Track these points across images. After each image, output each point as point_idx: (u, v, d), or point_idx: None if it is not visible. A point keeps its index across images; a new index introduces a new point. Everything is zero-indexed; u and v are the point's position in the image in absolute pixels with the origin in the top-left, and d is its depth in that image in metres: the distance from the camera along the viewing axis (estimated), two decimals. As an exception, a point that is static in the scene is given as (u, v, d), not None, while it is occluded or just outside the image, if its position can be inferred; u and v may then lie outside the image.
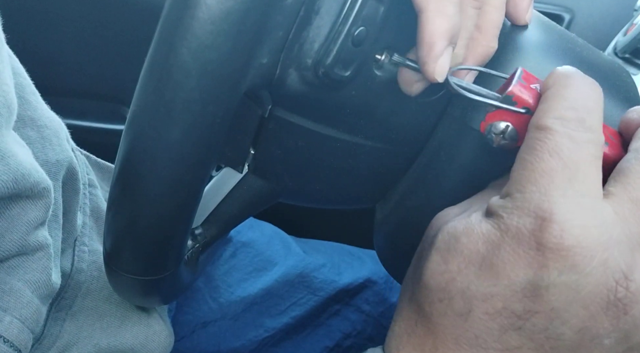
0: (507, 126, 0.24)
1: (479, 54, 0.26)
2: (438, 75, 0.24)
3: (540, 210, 0.20)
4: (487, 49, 0.26)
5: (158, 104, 0.21)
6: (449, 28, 0.23)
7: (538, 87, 0.24)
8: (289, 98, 0.26)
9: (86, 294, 0.37)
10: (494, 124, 0.24)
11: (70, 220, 0.37)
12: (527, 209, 0.20)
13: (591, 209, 0.20)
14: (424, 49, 0.23)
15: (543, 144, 0.21)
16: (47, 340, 0.35)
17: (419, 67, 0.24)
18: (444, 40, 0.23)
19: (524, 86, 0.23)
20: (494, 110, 0.24)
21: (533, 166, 0.21)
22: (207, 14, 0.19)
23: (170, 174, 0.22)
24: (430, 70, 0.23)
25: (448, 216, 0.25)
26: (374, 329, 0.54)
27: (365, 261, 0.57)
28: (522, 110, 0.23)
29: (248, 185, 0.32)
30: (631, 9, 0.61)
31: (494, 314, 0.21)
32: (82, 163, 0.40)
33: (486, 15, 0.26)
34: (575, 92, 0.22)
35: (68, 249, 0.37)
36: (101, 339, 0.37)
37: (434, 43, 0.23)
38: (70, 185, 0.37)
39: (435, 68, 0.23)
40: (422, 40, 0.23)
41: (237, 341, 0.50)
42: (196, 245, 0.33)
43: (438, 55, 0.23)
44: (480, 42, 0.26)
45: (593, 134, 0.21)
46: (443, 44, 0.23)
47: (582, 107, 0.21)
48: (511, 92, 0.23)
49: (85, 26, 0.68)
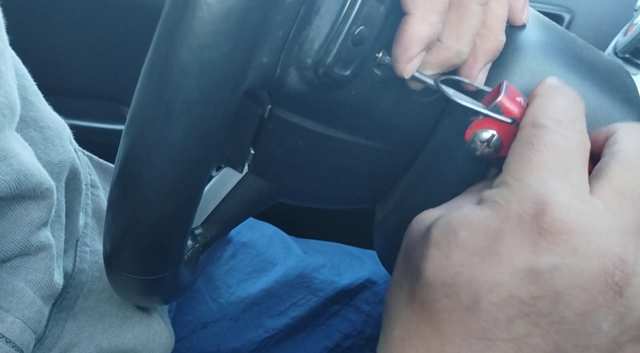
0: (493, 135, 0.25)
1: (489, 49, 0.27)
2: (406, 74, 0.25)
3: (540, 196, 0.21)
4: (496, 43, 0.27)
5: (158, 104, 0.21)
6: (427, 36, 0.24)
7: (522, 100, 0.25)
8: (289, 98, 0.26)
9: (88, 295, 0.37)
10: (479, 132, 0.25)
11: (73, 220, 0.37)
12: (526, 195, 0.21)
13: (584, 199, 0.21)
14: (399, 49, 0.25)
15: (539, 138, 0.22)
16: (49, 340, 0.35)
17: (392, 62, 0.25)
18: (420, 46, 0.24)
19: (510, 98, 0.25)
20: (481, 119, 0.25)
21: (530, 157, 0.22)
22: (208, 13, 0.19)
23: (170, 174, 0.22)
24: (400, 69, 0.25)
25: (429, 217, 0.25)
26: (373, 329, 0.54)
27: (365, 261, 0.57)
28: (508, 120, 0.24)
29: (248, 185, 0.32)
30: (631, 9, 0.62)
31: (501, 303, 0.21)
32: (84, 164, 0.40)
33: (491, 10, 0.26)
34: (564, 100, 0.24)
35: (70, 250, 0.37)
36: (102, 340, 0.37)
37: (410, 46, 0.24)
38: (73, 186, 0.37)
39: (405, 68, 0.25)
40: (399, 41, 0.25)
41: (237, 341, 0.50)
42: (196, 245, 0.33)
43: (411, 58, 0.25)
44: (488, 38, 0.26)
45: (583, 136, 0.23)
46: (418, 49, 0.24)
47: (570, 112, 0.23)
48: (500, 102, 0.24)
49: (85, 26, 0.68)
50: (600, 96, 0.29)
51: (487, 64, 0.27)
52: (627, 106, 0.29)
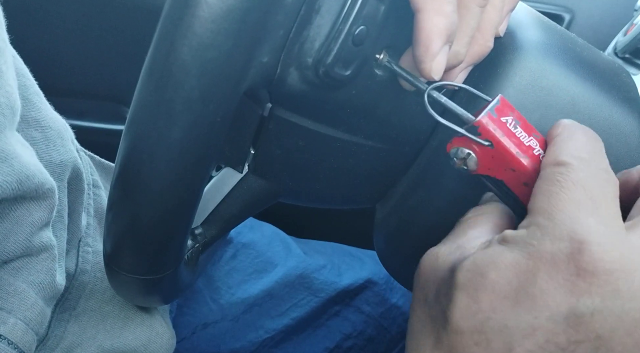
0: (469, 153, 0.24)
1: (475, 52, 0.26)
2: (435, 74, 0.24)
3: (575, 234, 0.20)
4: (483, 48, 0.26)
5: (158, 103, 0.21)
6: (446, 27, 0.23)
7: (509, 120, 0.24)
8: (289, 97, 0.26)
9: (90, 295, 0.37)
10: (457, 148, 0.24)
11: (75, 220, 0.37)
12: (560, 234, 0.20)
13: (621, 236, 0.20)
14: (420, 48, 0.23)
15: (566, 176, 0.21)
16: (51, 341, 0.35)
17: (416, 65, 0.24)
18: (441, 39, 0.23)
19: (493, 119, 0.24)
20: (460, 136, 0.24)
21: (559, 196, 0.21)
22: (208, 12, 0.19)
23: (170, 174, 0.22)
24: (427, 69, 0.23)
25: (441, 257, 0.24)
26: (374, 330, 0.54)
27: (365, 262, 0.57)
28: (485, 143, 0.24)
29: (248, 185, 0.32)
30: (631, 9, 0.62)
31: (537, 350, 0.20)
32: (86, 164, 0.40)
33: (486, 14, 0.26)
34: (583, 137, 0.23)
35: (72, 250, 0.37)
36: (104, 340, 0.37)
37: (431, 42, 0.23)
38: (75, 186, 0.37)
39: (432, 67, 0.23)
40: (418, 40, 0.23)
41: (237, 342, 0.50)
42: (196, 245, 0.33)
43: (435, 54, 0.23)
44: (478, 41, 0.26)
45: (609, 172, 0.22)
46: (440, 43, 0.23)
47: (592, 149, 0.22)
48: (479, 122, 0.23)
49: (85, 26, 0.68)
50: (600, 96, 0.29)
51: (469, 67, 0.27)
52: (627, 106, 0.29)
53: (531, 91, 0.28)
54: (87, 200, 0.39)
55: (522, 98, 0.28)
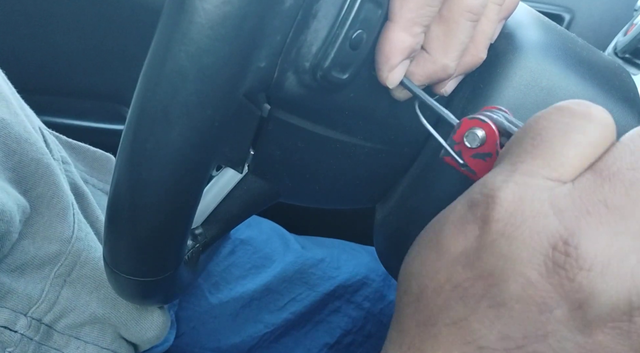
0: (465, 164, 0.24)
1: (467, 63, 0.27)
2: (390, 84, 0.25)
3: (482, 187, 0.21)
4: (475, 58, 0.27)
5: (156, 108, 0.21)
6: (410, 45, 0.24)
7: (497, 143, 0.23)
8: (287, 101, 0.26)
9: (84, 263, 0.38)
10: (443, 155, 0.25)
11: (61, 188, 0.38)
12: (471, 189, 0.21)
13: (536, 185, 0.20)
14: (381, 58, 0.25)
15: None
16: (45, 304, 0.36)
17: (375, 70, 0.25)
18: (402, 54, 0.24)
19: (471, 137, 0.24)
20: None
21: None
22: (205, 18, 0.19)
23: (168, 178, 0.22)
24: (383, 78, 0.25)
25: None
26: (373, 326, 0.54)
27: (363, 257, 0.58)
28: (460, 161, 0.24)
29: (248, 185, 0.32)
30: (631, 9, 0.61)
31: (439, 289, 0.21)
32: (53, 142, 0.41)
33: (480, 26, 0.26)
34: None
35: (68, 213, 0.38)
36: (97, 309, 0.39)
37: (391, 55, 0.24)
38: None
39: (388, 77, 0.25)
40: (382, 48, 0.25)
41: (237, 337, 0.50)
42: (196, 245, 0.33)
43: (393, 66, 0.25)
44: (470, 52, 0.26)
45: None
46: (400, 57, 0.24)
47: None
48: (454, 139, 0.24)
49: (85, 26, 0.68)
50: (600, 96, 0.29)
51: (460, 76, 0.27)
52: (627, 106, 0.29)
53: (531, 91, 0.28)
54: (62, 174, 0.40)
55: (522, 98, 0.28)
